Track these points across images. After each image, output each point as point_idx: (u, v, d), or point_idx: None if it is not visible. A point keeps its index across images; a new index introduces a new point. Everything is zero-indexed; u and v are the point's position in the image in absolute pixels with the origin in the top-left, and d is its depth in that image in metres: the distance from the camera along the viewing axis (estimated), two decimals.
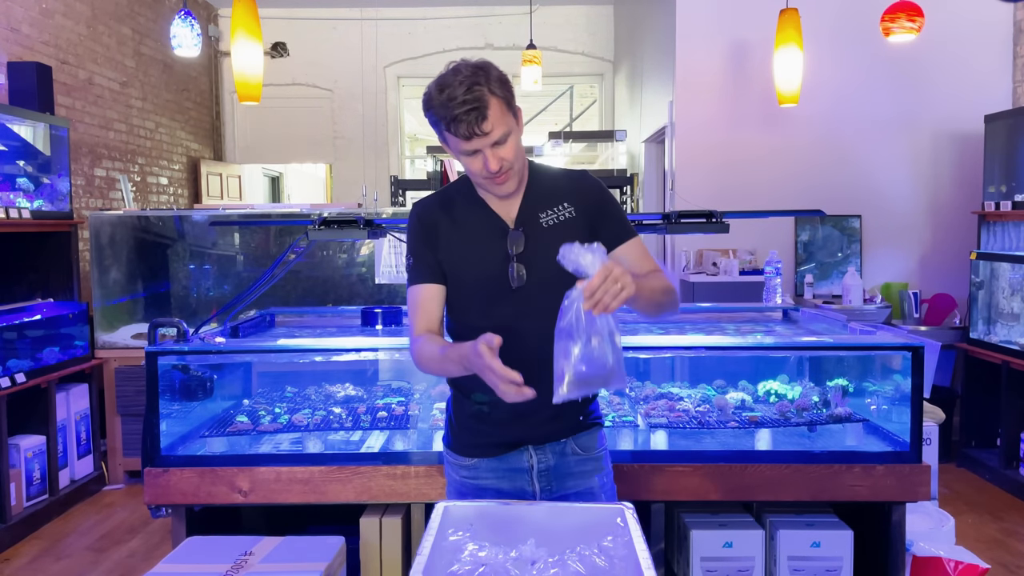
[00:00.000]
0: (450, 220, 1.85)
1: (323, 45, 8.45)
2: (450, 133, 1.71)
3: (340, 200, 8.44)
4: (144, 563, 3.65)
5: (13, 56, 4.92)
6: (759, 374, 2.99)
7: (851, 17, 5.39)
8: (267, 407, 2.85)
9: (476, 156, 1.73)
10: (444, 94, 1.69)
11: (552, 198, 1.85)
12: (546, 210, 1.83)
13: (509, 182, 1.78)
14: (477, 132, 1.69)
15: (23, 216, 4.30)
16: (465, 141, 1.70)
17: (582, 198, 1.86)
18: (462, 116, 1.67)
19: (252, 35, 4.13)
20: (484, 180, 1.77)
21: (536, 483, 1.88)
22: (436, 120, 1.72)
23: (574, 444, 1.90)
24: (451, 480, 1.97)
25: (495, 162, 1.72)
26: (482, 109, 1.67)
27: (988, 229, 5.00)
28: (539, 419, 1.84)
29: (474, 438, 1.89)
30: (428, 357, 1.78)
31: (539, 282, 1.79)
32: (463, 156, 1.74)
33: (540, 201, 1.84)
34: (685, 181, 5.48)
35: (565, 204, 1.84)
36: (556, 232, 1.79)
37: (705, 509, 2.63)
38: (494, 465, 1.89)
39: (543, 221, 1.83)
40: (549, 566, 1.44)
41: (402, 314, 3.26)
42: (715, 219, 2.96)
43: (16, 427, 4.22)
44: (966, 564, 2.61)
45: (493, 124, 1.69)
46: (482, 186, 1.82)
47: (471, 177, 1.81)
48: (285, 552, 2.21)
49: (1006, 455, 4.59)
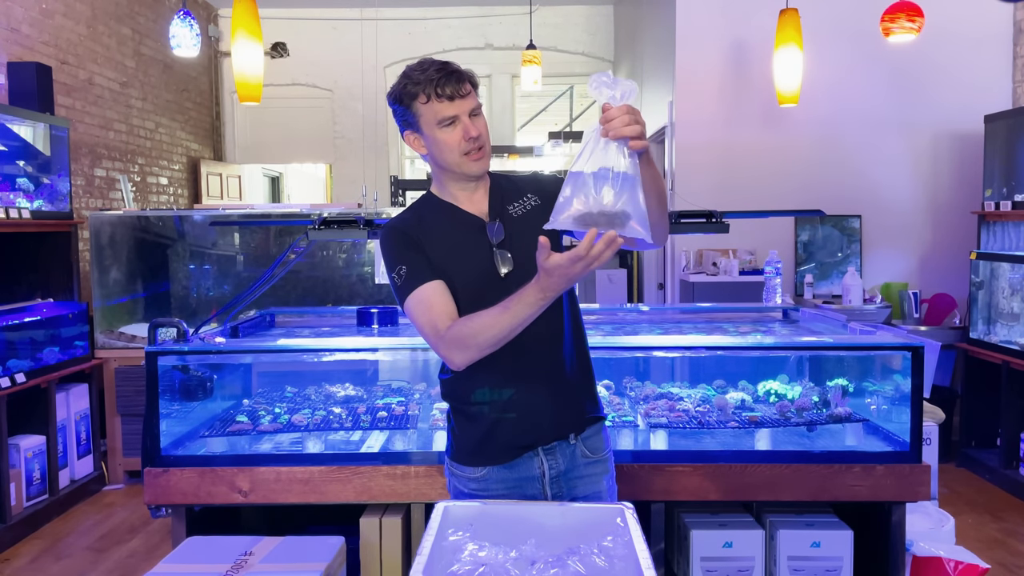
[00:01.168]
0: (427, 228, 1.85)
1: (323, 45, 8.45)
2: (432, 100, 1.75)
3: (340, 200, 8.44)
4: (144, 563, 3.65)
5: (13, 56, 4.92)
6: (759, 374, 2.99)
7: (851, 17, 5.39)
8: (267, 407, 2.85)
9: (454, 127, 1.77)
10: (421, 67, 1.78)
11: (515, 192, 1.89)
12: (513, 202, 1.87)
13: (484, 159, 1.82)
14: (460, 93, 1.76)
15: (23, 216, 4.30)
16: (448, 103, 1.75)
17: (542, 188, 1.89)
18: (444, 79, 1.75)
19: (252, 35, 4.13)
20: (462, 157, 1.79)
21: (548, 490, 1.84)
22: (412, 93, 1.77)
23: (583, 446, 1.88)
24: (456, 494, 1.90)
25: (474, 128, 1.77)
26: (460, 76, 1.78)
27: (988, 229, 5.00)
28: (543, 412, 1.83)
29: (481, 445, 1.84)
30: (485, 324, 1.65)
31: (521, 269, 1.78)
32: (440, 130, 1.77)
33: (505, 196, 1.88)
34: (685, 181, 5.48)
35: (529, 195, 1.88)
36: (527, 220, 1.83)
37: (705, 509, 2.63)
38: (504, 475, 1.84)
39: (512, 212, 1.86)
40: (549, 566, 1.44)
41: (398, 314, 3.24)
42: (715, 219, 2.96)
43: (16, 427, 4.22)
44: (966, 564, 2.61)
45: (470, 90, 1.79)
46: (455, 169, 1.82)
47: (443, 159, 1.81)
48: (285, 552, 2.21)
49: (1006, 455, 4.59)
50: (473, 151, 1.79)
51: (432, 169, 1.89)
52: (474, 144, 1.78)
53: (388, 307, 3.28)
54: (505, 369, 1.79)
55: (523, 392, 1.83)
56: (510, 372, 1.81)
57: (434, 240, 1.83)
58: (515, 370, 1.81)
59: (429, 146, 1.82)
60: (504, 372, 1.80)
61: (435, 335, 1.73)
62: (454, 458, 1.90)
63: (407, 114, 1.80)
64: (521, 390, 1.83)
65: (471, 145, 1.78)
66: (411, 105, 1.78)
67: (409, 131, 1.84)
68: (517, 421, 1.83)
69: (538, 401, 1.83)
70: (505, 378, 1.82)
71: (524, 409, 1.83)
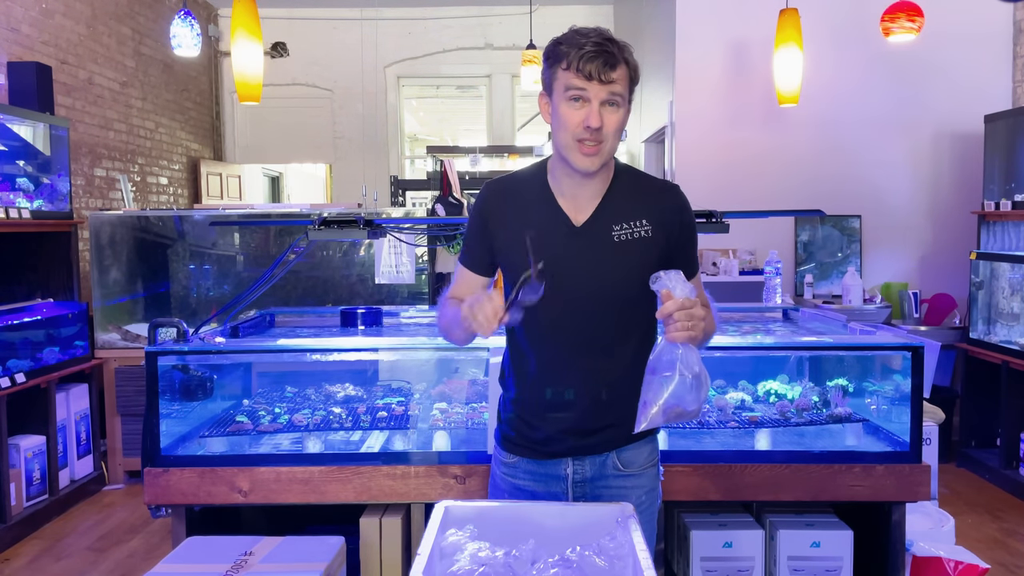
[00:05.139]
0: (514, 211, 1.78)
1: (323, 45, 8.45)
2: (571, 69, 1.63)
3: (340, 200, 8.44)
4: (144, 563, 3.65)
5: (13, 56, 4.92)
6: (759, 374, 2.99)
7: (851, 17, 5.39)
8: (267, 407, 2.84)
9: (580, 106, 1.64)
10: (579, 34, 1.67)
11: (631, 211, 1.74)
12: (621, 223, 1.73)
13: (597, 156, 1.66)
14: (602, 77, 1.62)
15: (23, 216, 4.30)
16: (584, 80, 1.62)
17: (664, 218, 1.75)
18: (593, 55, 1.62)
19: (252, 35, 4.13)
20: (574, 142, 1.66)
21: (571, 492, 1.84)
22: (559, 54, 1.65)
23: (616, 459, 1.82)
24: (493, 473, 1.95)
25: (597, 119, 1.63)
26: (613, 61, 1.63)
27: (988, 229, 5.00)
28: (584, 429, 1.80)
29: (518, 435, 1.87)
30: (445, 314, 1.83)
31: (593, 293, 1.73)
32: (566, 100, 1.65)
33: (617, 211, 1.74)
34: (685, 181, 5.44)
35: (643, 221, 1.73)
36: (626, 248, 1.72)
37: (705, 509, 2.63)
38: (532, 468, 1.85)
39: (615, 235, 1.72)
40: (549, 566, 1.44)
41: (382, 314, 3.30)
42: (715, 219, 2.95)
43: (16, 427, 4.22)
44: (966, 564, 2.61)
45: (617, 79, 1.64)
46: (563, 151, 1.69)
47: (558, 137, 1.69)
48: (285, 552, 2.21)
49: (1006, 455, 4.59)
50: (588, 141, 1.65)
51: (553, 144, 1.76)
52: (591, 135, 1.64)
53: (372, 308, 3.30)
54: (559, 372, 1.77)
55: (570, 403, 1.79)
56: (563, 377, 1.78)
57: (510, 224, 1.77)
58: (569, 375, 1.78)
59: (552, 116, 1.70)
60: (558, 375, 1.78)
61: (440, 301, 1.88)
62: (496, 436, 1.95)
63: (547, 73, 1.70)
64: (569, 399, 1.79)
65: (587, 134, 1.64)
66: (553, 67, 1.67)
67: (543, 93, 1.73)
68: (555, 431, 1.81)
69: (581, 417, 1.79)
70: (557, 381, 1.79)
71: (565, 421, 1.80)
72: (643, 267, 1.69)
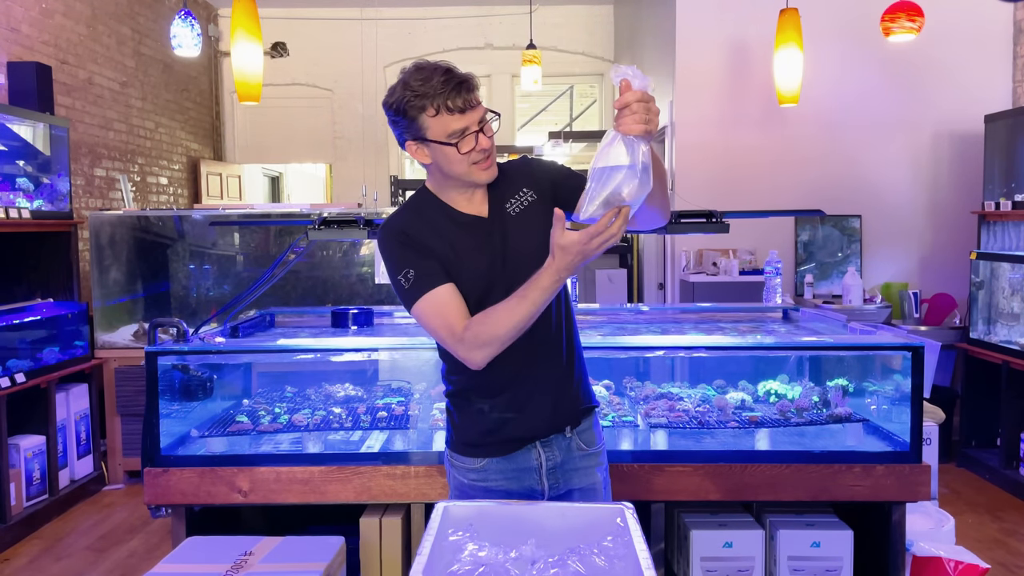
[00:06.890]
0: (428, 228, 1.81)
1: (323, 45, 8.44)
2: (442, 113, 1.69)
3: (340, 200, 8.43)
4: (144, 563, 3.65)
5: (13, 56, 4.92)
6: (759, 374, 2.99)
7: (851, 17, 5.39)
8: (267, 407, 2.84)
9: (464, 139, 1.71)
10: (423, 76, 1.69)
11: (510, 187, 1.85)
12: (509, 199, 1.84)
13: (492, 167, 1.79)
14: (471, 104, 1.70)
15: (23, 216, 4.30)
16: (459, 115, 1.69)
17: (535, 180, 1.87)
18: (454, 91, 1.68)
19: (252, 35, 4.13)
20: (472, 166, 1.75)
21: (545, 481, 1.89)
22: (419, 105, 1.69)
23: (578, 440, 1.92)
24: (457, 484, 1.94)
25: (486, 139, 1.73)
26: (468, 83, 1.71)
27: (988, 229, 5.00)
28: (543, 407, 1.86)
29: (481, 438, 1.89)
30: (502, 317, 1.67)
31: (523, 267, 1.73)
32: (448, 141, 1.71)
33: (502, 193, 1.85)
34: (685, 181, 5.48)
35: (524, 190, 1.85)
36: (525, 217, 1.83)
37: (705, 509, 2.63)
38: (503, 466, 1.88)
39: (510, 210, 1.84)
40: (549, 566, 1.44)
41: (373, 314, 3.27)
42: (715, 219, 2.96)
43: (16, 427, 4.22)
44: (966, 564, 2.61)
45: (476, 94, 1.73)
46: (463, 179, 1.78)
47: (451, 170, 1.76)
48: (285, 552, 2.21)
49: (1006, 455, 4.59)
50: (482, 161, 1.76)
51: (433, 173, 1.84)
52: (483, 155, 1.75)
53: (364, 308, 3.30)
54: (507, 365, 1.79)
55: (524, 387, 1.86)
56: (512, 367, 1.82)
57: (436, 241, 1.80)
58: (516, 365, 1.82)
59: (435, 156, 1.75)
60: (506, 368, 1.80)
61: (453, 337, 1.72)
62: (455, 449, 1.94)
63: (412, 126, 1.72)
64: (522, 385, 1.85)
65: (481, 156, 1.75)
66: (417, 117, 1.71)
67: (412, 142, 1.76)
68: (518, 416, 1.86)
69: (538, 396, 1.87)
70: (507, 374, 1.83)
71: (525, 404, 1.86)
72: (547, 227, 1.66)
